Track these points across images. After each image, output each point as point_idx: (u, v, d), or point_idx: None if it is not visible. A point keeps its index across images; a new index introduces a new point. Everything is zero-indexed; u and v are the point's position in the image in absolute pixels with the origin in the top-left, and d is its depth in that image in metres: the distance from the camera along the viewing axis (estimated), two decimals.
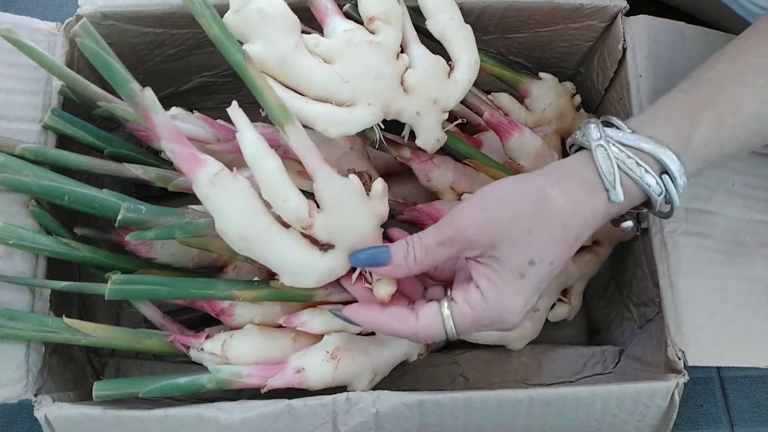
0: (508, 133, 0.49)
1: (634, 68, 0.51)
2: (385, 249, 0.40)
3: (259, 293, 0.43)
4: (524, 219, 0.37)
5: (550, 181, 0.38)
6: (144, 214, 0.40)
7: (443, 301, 0.39)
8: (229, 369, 0.42)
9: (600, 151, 0.38)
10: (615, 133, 0.39)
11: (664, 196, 0.39)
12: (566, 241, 0.38)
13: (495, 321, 0.38)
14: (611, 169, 0.37)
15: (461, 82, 0.44)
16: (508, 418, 0.43)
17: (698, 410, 0.58)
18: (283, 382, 0.42)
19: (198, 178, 0.39)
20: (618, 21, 0.52)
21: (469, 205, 0.39)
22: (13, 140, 0.45)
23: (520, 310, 0.37)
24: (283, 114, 0.39)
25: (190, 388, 0.42)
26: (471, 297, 0.38)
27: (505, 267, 0.37)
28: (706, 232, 0.48)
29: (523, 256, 0.37)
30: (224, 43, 0.39)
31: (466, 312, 0.38)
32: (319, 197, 0.40)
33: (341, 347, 0.43)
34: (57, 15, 0.70)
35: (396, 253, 0.39)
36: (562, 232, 0.37)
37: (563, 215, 0.37)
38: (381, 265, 0.39)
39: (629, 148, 0.38)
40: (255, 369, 0.42)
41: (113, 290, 0.41)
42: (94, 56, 0.37)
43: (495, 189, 0.39)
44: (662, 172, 0.38)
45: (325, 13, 0.44)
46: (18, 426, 0.55)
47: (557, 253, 0.37)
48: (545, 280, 0.38)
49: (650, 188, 0.38)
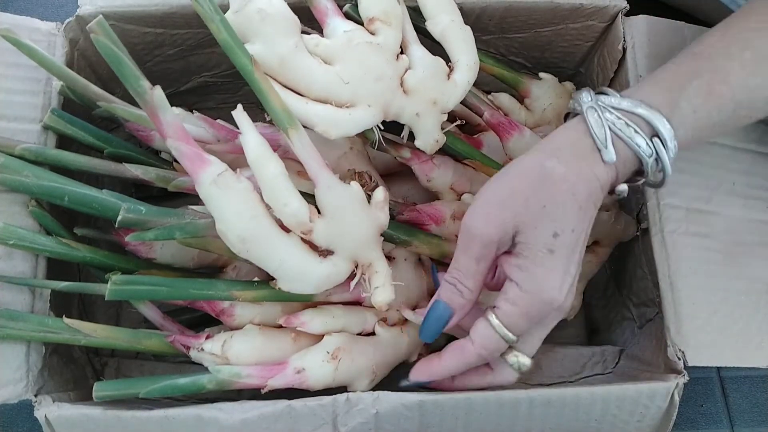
0: (508, 133, 0.49)
1: (634, 68, 0.51)
2: (440, 305, 0.40)
3: (259, 293, 0.43)
4: (534, 198, 0.37)
5: (545, 155, 0.39)
6: (144, 214, 0.40)
7: (488, 312, 0.39)
8: (229, 369, 0.42)
9: (591, 113, 0.39)
10: (606, 98, 0.40)
11: (655, 159, 0.39)
12: (579, 206, 0.38)
13: (542, 306, 0.38)
14: (602, 128, 0.39)
15: (461, 83, 0.44)
16: (508, 419, 0.43)
17: (698, 410, 0.58)
18: (284, 382, 0.42)
19: (201, 177, 0.39)
20: (618, 21, 0.52)
21: (477, 208, 0.39)
22: (13, 140, 0.45)
23: (559, 285, 0.37)
24: (287, 119, 0.40)
25: (191, 389, 0.42)
26: (510, 294, 0.38)
27: (534, 249, 0.37)
28: (706, 232, 0.48)
29: (546, 231, 0.37)
30: (232, 47, 0.39)
31: (510, 311, 0.38)
32: (320, 203, 0.40)
33: (342, 348, 0.43)
34: (57, 15, 0.70)
35: (452, 300, 0.40)
36: (572, 197, 0.38)
37: (568, 181, 0.38)
38: (449, 319, 0.40)
39: (620, 111, 0.39)
40: (255, 369, 0.42)
41: (113, 291, 0.41)
42: (107, 52, 0.38)
43: (495, 183, 0.40)
44: (653, 135, 0.39)
45: (325, 13, 0.44)
46: (18, 426, 0.55)
47: (575, 220, 0.38)
48: (574, 249, 0.38)
49: (640, 149, 0.39)
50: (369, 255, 0.42)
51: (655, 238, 0.48)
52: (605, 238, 0.54)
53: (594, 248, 0.54)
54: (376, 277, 0.42)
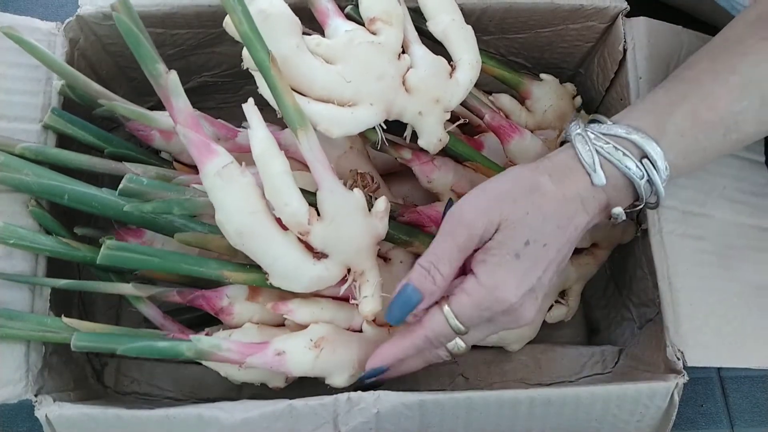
0: (508, 136, 0.49)
1: (634, 70, 0.51)
2: (408, 288, 0.39)
3: (249, 277, 0.43)
4: (522, 202, 0.39)
5: (539, 171, 0.40)
6: (145, 185, 0.40)
7: (442, 300, 0.39)
8: (208, 340, 0.42)
9: (578, 139, 0.41)
10: (596, 126, 0.42)
11: (647, 181, 0.40)
12: (558, 225, 0.39)
13: (493, 302, 0.38)
14: (590, 153, 0.40)
15: (463, 81, 0.45)
16: (509, 419, 0.43)
17: (698, 410, 0.58)
18: (262, 362, 0.42)
19: (207, 167, 0.39)
20: (619, 22, 0.52)
21: (471, 198, 0.40)
22: (13, 139, 0.45)
23: (515, 288, 0.38)
24: (299, 119, 0.40)
25: (169, 353, 0.41)
26: (467, 284, 0.39)
27: (503, 249, 0.38)
28: (701, 235, 0.49)
29: (521, 236, 0.38)
30: (251, 40, 0.39)
31: (463, 301, 0.38)
32: (321, 206, 0.41)
33: (325, 337, 0.43)
34: (57, 15, 0.70)
35: (423, 285, 0.39)
36: (554, 214, 0.39)
37: (556, 199, 0.39)
38: (417, 303, 0.39)
39: (608, 136, 0.41)
40: (235, 345, 0.42)
41: (106, 255, 0.41)
42: (127, 32, 0.38)
43: (491, 182, 0.41)
44: (642, 157, 0.40)
45: (326, 14, 0.44)
46: (18, 426, 0.54)
47: (550, 236, 0.39)
48: (539, 262, 0.39)
49: (630, 170, 0.40)
50: (362, 263, 0.42)
51: (654, 238, 0.48)
52: (603, 240, 0.54)
53: (592, 250, 0.54)
54: (366, 287, 0.42)
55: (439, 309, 0.39)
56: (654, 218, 0.48)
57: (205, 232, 0.43)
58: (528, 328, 0.52)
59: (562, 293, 0.55)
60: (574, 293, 0.55)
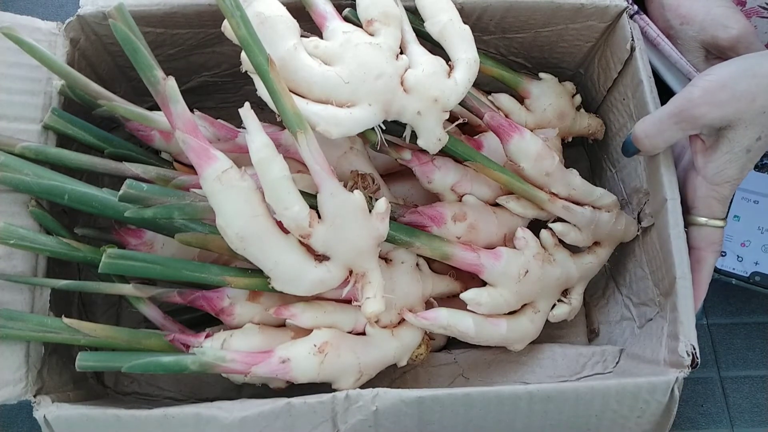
0: (508, 135, 0.48)
1: (644, 69, 0.51)
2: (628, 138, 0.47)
3: (251, 282, 0.43)
4: (760, 101, 0.40)
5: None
6: (145, 191, 0.40)
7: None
8: (213, 352, 0.42)
9: None
10: None
11: None
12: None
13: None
14: None
15: (461, 81, 0.44)
16: (508, 415, 0.42)
17: (698, 410, 0.57)
18: (267, 370, 0.42)
19: (206, 172, 0.39)
20: (624, 21, 0.52)
21: (713, 91, 0.41)
22: (14, 139, 0.45)
23: (737, 177, 0.42)
24: (297, 121, 0.40)
25: (173, 368, 0.41)
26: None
27: (734, 146, 0.41)
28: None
29: (754, 133, 0.40)
30: (250, 43, 0.39)
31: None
32: (322, 209, 0.41)
33: (330, 342, 0.43)
34: (57, 15, 0.70)
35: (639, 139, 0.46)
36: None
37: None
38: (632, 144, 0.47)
39: None
40: (240, 355, 0.42)
41: (107, 264, 0.41)
42: (124, 39, 0.38)
43: (734, 75, 0.42)
44: None
45: (324, 17, 0.44)
46: (18, 426, 0.54)
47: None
48: (761, 153, 0.42)
49: None
50: (364, 264, 0.42)
51: (673, 231, 0.47)
52: (606, 239, 0.54)
53: (594, 249, 0.54)
54: (369, 288, 0.42)
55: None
56: (654, 218, 0.48)
57: (205, 232, 0.43)
58: (532, 328, 0.52)
59: (565, 292, 0.54)
60: (577, 292, 0.55)
